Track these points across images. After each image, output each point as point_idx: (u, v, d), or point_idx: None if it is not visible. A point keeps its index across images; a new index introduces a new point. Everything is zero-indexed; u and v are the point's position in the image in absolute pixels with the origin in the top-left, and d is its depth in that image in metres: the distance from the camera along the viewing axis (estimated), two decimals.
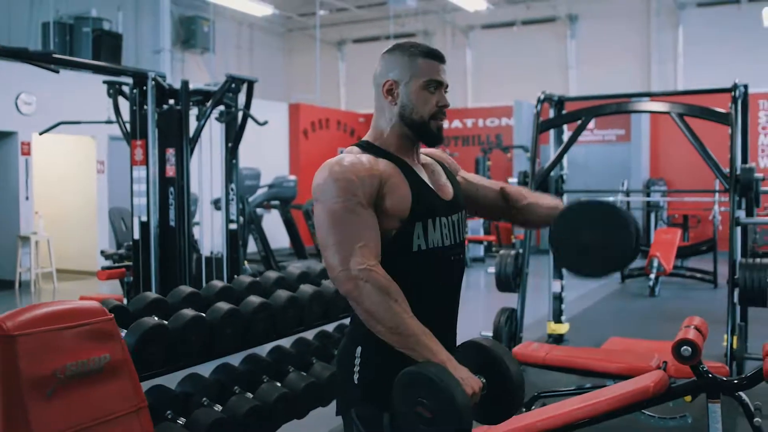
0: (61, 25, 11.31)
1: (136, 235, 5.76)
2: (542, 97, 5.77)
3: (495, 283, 5.54)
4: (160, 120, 5.65)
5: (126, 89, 5.84)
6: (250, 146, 12.71)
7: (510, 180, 8.72)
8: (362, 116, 16.50)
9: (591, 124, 14.08)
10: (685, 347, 2.91)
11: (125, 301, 5.97)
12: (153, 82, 5.50)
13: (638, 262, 10.68)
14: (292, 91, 17.08)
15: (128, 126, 5.89)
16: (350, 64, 17.89)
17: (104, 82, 6.10)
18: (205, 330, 2.99)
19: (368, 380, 1.71)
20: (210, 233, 7.06)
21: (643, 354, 4.13)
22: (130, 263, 6.08)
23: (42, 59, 4.59)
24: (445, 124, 1.94)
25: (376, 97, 1.86)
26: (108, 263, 7.44)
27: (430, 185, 1.85)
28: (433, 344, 1.64)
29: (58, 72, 5.05)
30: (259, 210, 10.13)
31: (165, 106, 5.74)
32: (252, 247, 9.87)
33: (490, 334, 5.36)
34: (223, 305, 3.16)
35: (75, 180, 11.11)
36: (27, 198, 9.84)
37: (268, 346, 3.61)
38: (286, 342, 3.67)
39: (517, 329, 5.35)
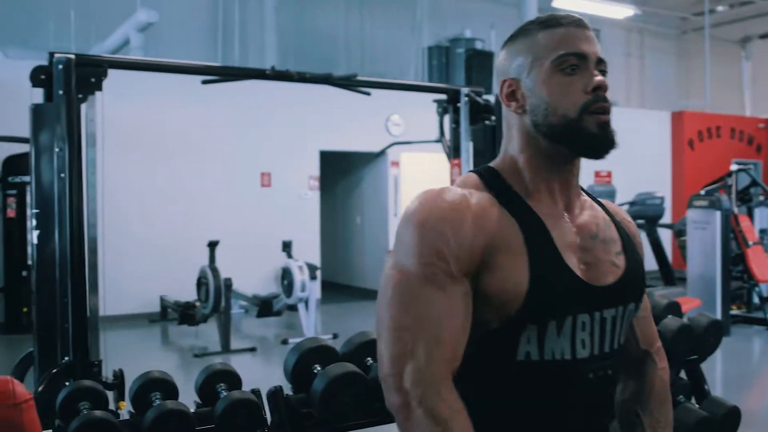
0: (439, 49, 11.86)
1: None
2: None
3: None
4: (475, 137, 5.40)
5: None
6: (627, 159, 11.95)
7: None
8: (763, 122, 14.39)
9: None
10: None
11: None
12: (466, 98, 5.28)
13: None
14: (681, 97, 15.65)
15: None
16: (756, 62, 15.79)
17: (434, 101, 6.06)
18: None
19: None
20: None
21: None
22: None
23: (346, 82, 4.65)
24: None
25: (503, 113, 1.27)
26: None
27: (570, 260, 1.17)
28: None
29: (369, 94, 5.10)
30: None
31: (487, 123, 5.48)
32: None
33: None
34: None
35: None
36: (395, 215, 10.40)
37: None
38: None
39: None
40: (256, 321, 8.08)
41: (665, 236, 10.80)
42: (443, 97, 5.85)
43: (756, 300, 7.81)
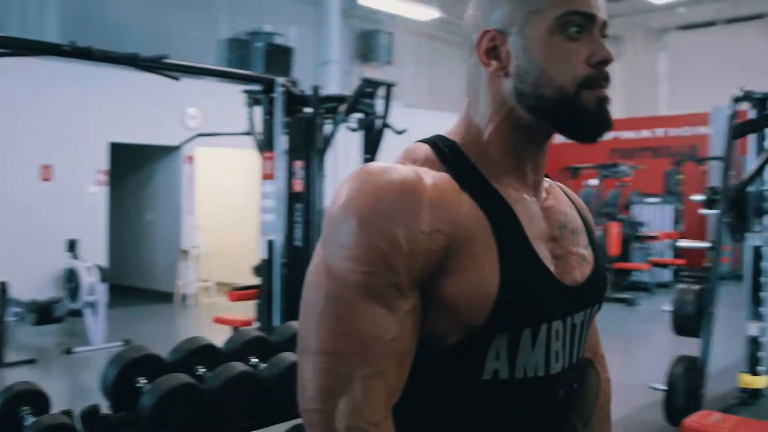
0: (237, 42, 11.45)
1: (264, 255, 5.33)
2: (740, 95, 4.68)
3: (671, 324, 4.53)
4: (291, 130, 5.19)
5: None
6: None
7: (694, 197, 7.44)
8: None
9: None
10: None
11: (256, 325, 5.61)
12: (282, 89, 5.05)
13: None
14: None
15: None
16: None
17: (244, 91, 5.77)
18: None
19: None
20: None
21: None
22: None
23: (153, 64, 4.25)
24: (630, 134, 1.02)
25: (468, 70, 1.01)
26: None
27: (542, 253, 0.97)
28: None
29: (177, 79, 4.72)
30: None
31: (302, 115, 5.28)
32: None
33: (663, 386, 4.36)
34: None
35: (237, 193, 11.09)
36: (190, 212, 9.89)
37: None
38: None
39: (699, 383, 4.30)
40: (33, 329, 7.25)
41: None
42: (255, 87, 5.58)
43: None
